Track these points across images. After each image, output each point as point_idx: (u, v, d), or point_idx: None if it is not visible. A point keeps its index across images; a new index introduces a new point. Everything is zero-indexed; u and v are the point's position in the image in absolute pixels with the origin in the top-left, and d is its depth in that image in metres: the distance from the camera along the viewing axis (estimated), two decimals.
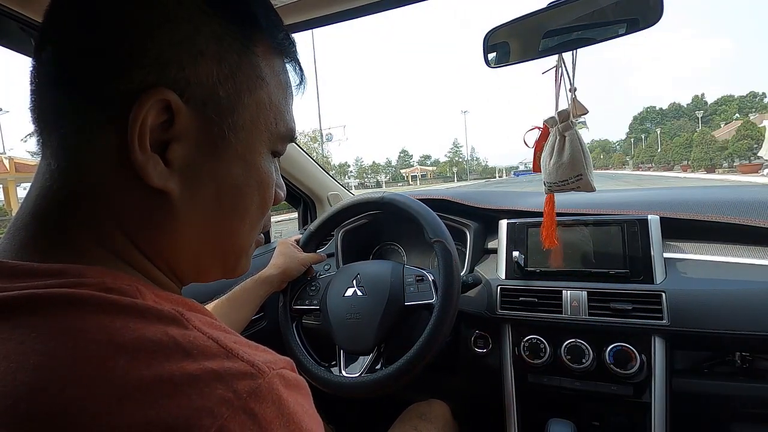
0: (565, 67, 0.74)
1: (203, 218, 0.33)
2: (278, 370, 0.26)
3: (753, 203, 0.85)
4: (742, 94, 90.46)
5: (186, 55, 0.29)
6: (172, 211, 0.31)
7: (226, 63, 0.31)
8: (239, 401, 0.23)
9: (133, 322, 0.25)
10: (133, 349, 0.23)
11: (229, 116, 0.31)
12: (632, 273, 0.86)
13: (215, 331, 0.27)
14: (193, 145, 0.30)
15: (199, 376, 0.23)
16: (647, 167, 54.75)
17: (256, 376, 0.25)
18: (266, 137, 0.35)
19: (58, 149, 0.29)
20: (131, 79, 0.28)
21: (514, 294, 0.93)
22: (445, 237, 0.84)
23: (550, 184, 0.79)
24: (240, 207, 0.35)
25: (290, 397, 0.26)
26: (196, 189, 0.31)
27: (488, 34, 0.80)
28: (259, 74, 0.33)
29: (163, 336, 0.24)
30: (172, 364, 0.23)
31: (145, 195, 0.30)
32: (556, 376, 0.88)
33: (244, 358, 0.26)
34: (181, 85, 0.29)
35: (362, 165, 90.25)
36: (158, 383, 0.22)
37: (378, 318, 0.84)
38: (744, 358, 0.78)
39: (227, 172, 0.33)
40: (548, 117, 0.79)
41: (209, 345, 0.25)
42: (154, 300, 0.28)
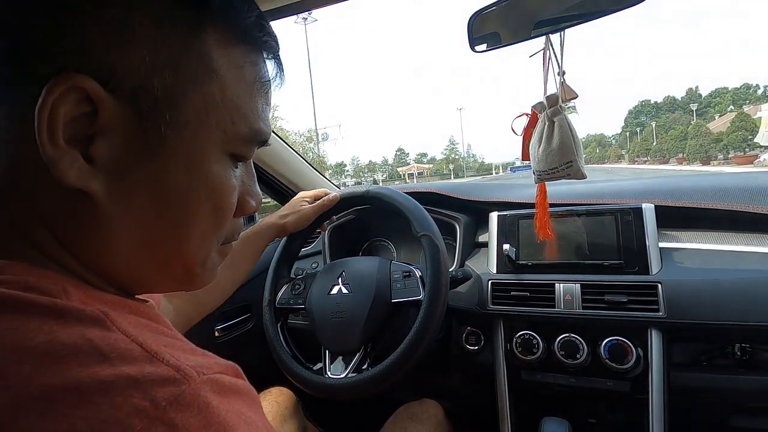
0: (553, 49, 0.71)
1: (138, 225, 0.29)
2: (211, 375, 0.24)
3: (749, 189, 0.83)
4: (735, 86, 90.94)
5: (113, 39, 0.26)
6: (98, 214, 0.27)
7: (165, 50, 0.27)
8: (157, 411, 0.21)
9: (48, 323, 0.22)
10: (42, 353, 0.21)
11: (167, 111, 0.28)
12: (627, 264, 0.83)
13: (144, 333, 0.24)
14: (122, 142, 0.27)
15: (113, 382, 0.21)
16: (643, 161, 55.00)
17: (180, 381, 0.22)
18: (218, 138, 0.30)
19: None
20: (51, 62, 0.25)
21: (505, 288, 0.90)
22: (432, 230, 0.81)
23: (540, 173, 0.76)
24: (183, 215, 0.31)
25: (223, 404, 0.23)
26: (125, 191, 0.28)
27: (473, 18, 0.77)
28: (209, 65, 0.29)
29: (78, 339, 0.22)
30: (83, 370, 0.21)
31: (65, 194, 0.26)
32: (550, 372, 0.85)
33: (169, 362, 0.23)
34: (104, 72, 0.25)
35: (359, 164, 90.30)
36: (63, 391, 0.20)
37: (364, 316, 0.81)
38: (744, 350, 0.75)
39: (165, 174, 0.29)
40: (536, 102, 0.75)
41: (131, 348, 0.23)
42: (82, 300, 0.25)
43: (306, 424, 0.94)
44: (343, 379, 0.78)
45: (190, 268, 0.33)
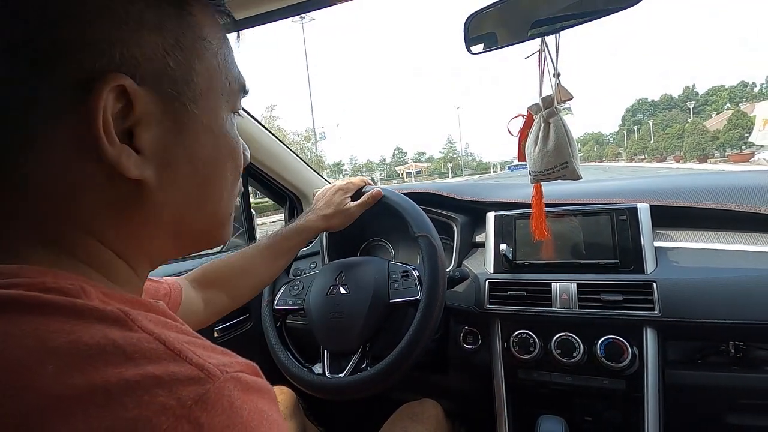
0: (548, 51, 0.72)
1: (183, 198, 0.32)
2: (233, 374, 0.24)
3: (743, 188, 0.83)
4: (732, 84, 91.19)
5: (128, 32, 0.27)
6: (150, 198, 0.30)
7: (168, 31, 0.29)
8: (183, 409, 0.21)
9: (69, 324, 0.22)
10: (65, 354, 0.21)
11: (186, 87, 0.30)
12: (622, 263, 0.83)
13: (166, 331, 0.24)
14: (158, 127, 0.29)
15: (139, 382, 0.21)
16: (640, 159, 55.12)
17: (205, 380, 0.22)
18: (224, 100, 0.34)
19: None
20: (74, 66, 0.25)
21: (502, 288, 0.91)
22: (429, 231, 0.81)
23: (536, 173, 0.77)
24: (217, 178, 0.34)
25: (246, 403, 0.23)
26: (171, 171, 0.30)
27: (469, 19, 0.77)
28: (201, 35, 0.31)
29: (101, 339, 0.22)
30: (108, 370, 0.21)
31: (118, 188, 0.28)
32: (546, 371, 0.86)
33: (193, 360, 0.23)
34: (131, 65, 0.27)
35: (357, 163, 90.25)
36: (90, 391, 0.20)
37: (362, 316, 0.81)
38: (738, 348, 0.76)
39: (199, 146, 0.32)
40: (532, 104, 0.76)
41: (154, 347, 0.23)
42: (101, 299, 0.25)
43: (306, 424, 0.95)
44: (342, 378, 0.78)
45: (224, 224, 0.37)
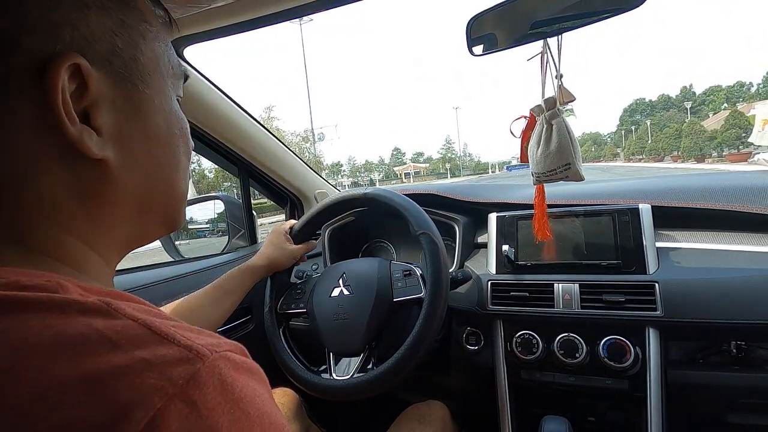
0: (551, 53, 0.72)
1: (143, 177, 0.32)
2: (222, 353, 0.24)
3: (744, 189, 0.84)
4: (729, 84, 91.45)
5: (75, 12, 0.27)
6: (112, 179, 0.30)
7: (113, 11, 0.29)
8: (174, 389, 0.21)
9: (51, 319, 0.22)
10: (50, 348, 0.21)
11: (135, 67, 0.31)
12: (624, 264, 0.84)
13: (150, 317, 0.24)
14: (113, 107, 0.29)
15: (129, 366, 0.21)
16: (638, 159, 55.24)
17: (195, 360, 0.23)
18: (170, 81, 0.35)
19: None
20: (27, 49, 0.25)
21: (504, 289, 0.91)
22: (430, 229, 0.81)
23: (538, 175, 0.77)
24: (172, 156, 0.35)
25: (237, 381, 0.24)
26: (129, 150, 0.31)
27: (471, 21, 0.77)
28: (144, 19, 0.32)
29: (85, 329, 0.22)
30: (96, 358, 0.21)
31: (81, 171, 0.28)
32: (549, 371, 0.86)
33: (181, 342, 0.23)
34: (82, 45, 0.27)
35: (355, 164, 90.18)
36: (80, 380, 0.20)
37: (366, 317, 0.81)
38: (739, 347, 0.76)
39: (153, 125, 0.32)
40: (535, 105, 0.76)
41: (140, 333, 0.23)
42: (79, 293, 0.25)
43: (309, 425, 0.95)
44: (349, 380, 0.78)
45: (180, 205, 0.38)
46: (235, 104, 1.14)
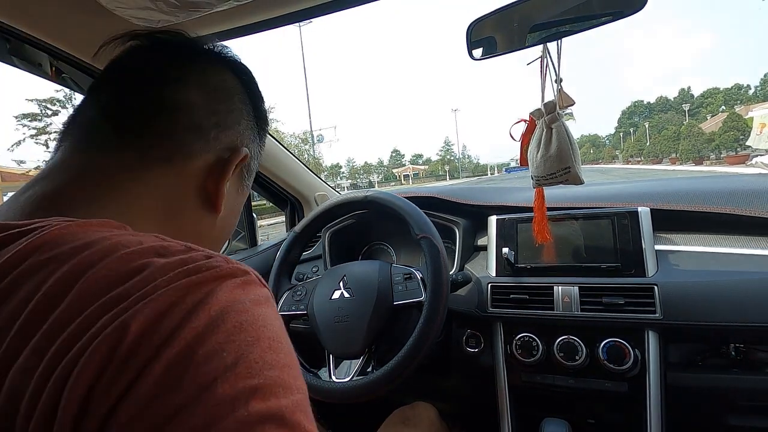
0: (550, 57, 0.73)
1: (220, 231, 0.45)
2: (247, 276, 0.28)
3: (743, 192, 0.84)
4: (727, 87, 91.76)
5: (251, 129, 0.44)
6: (215, 224, 0.43)
7: (260, 135, 0.47)
8: (208, 271, 0.25)
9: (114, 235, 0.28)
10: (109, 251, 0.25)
11: (250, 167, 0.46)
12: (624, 266, 0.84)
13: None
14: (234, 184, 0.44)
15: (169, 262, 0.25)
16: (637, 161, 55.35)
17: (221, 266, 0.27)
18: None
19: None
20: (225, 136, 0.41)
21: (504, 291, 0.91)
22: (431, 232, 0.82)
23: (538, 178, 0.78)
24: (235, 218, 0.48)
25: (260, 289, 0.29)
26: (225, 212, 0.43)
27: (471, 26, 0.78)
28: (264, 139, 0.49)
29: (137, 245, 0.27)
30: (141, 261, 0.25)
31: (206, 218, 0.42)
32: (549, 374, 0.87)
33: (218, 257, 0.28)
34: (247, 145, 0.43)
35: (354, 166, 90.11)
36: (127, 274, 0.24)
37: (366, 320, 0.82)
38: (738, 350, 0.76)
39: (239, 201, 0.47)
40: (534, 109, 0.77)
41: (182, 248, 0.28)
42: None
43: None
44: (349, 382, 0.79)
45: (225, 242, 0.52)
46: None
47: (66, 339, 0.21)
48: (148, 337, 0.21)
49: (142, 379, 0.20)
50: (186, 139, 0.38)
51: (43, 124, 16.97)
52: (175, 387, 0.20)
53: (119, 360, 0.20)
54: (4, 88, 61.17)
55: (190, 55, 0.42)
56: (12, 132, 8.71)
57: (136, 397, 0.20)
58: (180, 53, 0.41)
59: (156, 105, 0.38)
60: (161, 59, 0.40)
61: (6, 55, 0.77)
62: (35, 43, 0.76)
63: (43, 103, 16.80)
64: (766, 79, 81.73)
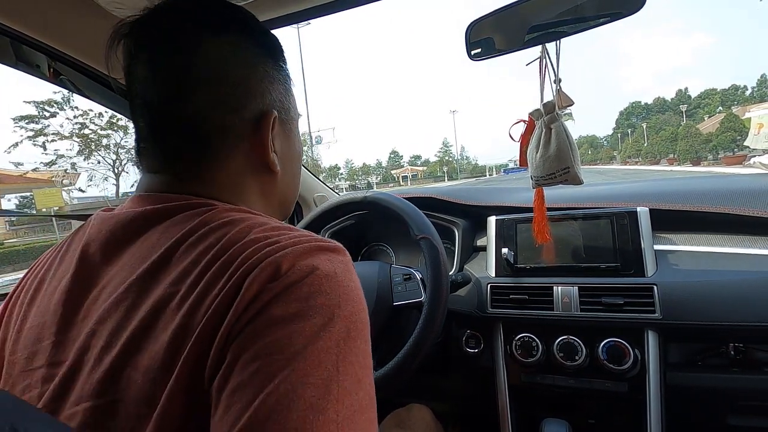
0: (549, 58, 0.73)
1: (286, 184, 0.49)
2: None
3: (741, 192, 0.84)
4: (724, 87, 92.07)
5: (273, 85, 0.45)
6: (275, 184, 0.47)
7: (283, 81, 0.47)
8: (320, 247, 0.35)
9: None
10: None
11: (290, 114, 0.48)
12: (623, 266, 0.84)
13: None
14: (280, 138, 0.47)
15: (298, 232, 0.36)
16: (635, 161, 55.48)
17: (339, 249, 0.37)
18: (297, 119, 0.51)
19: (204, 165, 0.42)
20: (250, 108, 0.43)
21: (504, 291, 0.91)
22: (430, 233, 0.82)
23: (538, 178, 0.78)
24: (298, 170, 0.53)
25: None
26: (284, 165, 0.47)
27: (470, 26, 0.78)
28: (290, 81, 0.49)
29: (272, 222, 0.38)
30: (278, 232, 0.36)
31: (265, 178, 0.46)
32: (549, 374, 0.87)
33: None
34: (274, 104, 0.45)
35: (353, 167, 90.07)
36: (267, 236, 0.35)
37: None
38: (737, 349, 0.76)
39: (294, 148, 0.50)
40: (533, 109, 0.77)
41: (300, 229, 0.38)
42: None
43: None
44: None
45: (293, 204, 0.54)
46: None
47: (241, 263, 0.32)
48: (291, 272, 0.31)
49: (286, 295, 0.30)
50: (218, 130, 0.42)
51: (40, 126, 16.92)
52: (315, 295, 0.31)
53: (278, 273, 0.31)
54: (2, 91, 61.06)
55: (197, 34, 0.41)
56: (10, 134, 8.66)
57: (294, 290, 0.31)
58: (186, 34, 0.41)
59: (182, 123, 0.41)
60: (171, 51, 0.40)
61: (5, 56, 0.77)
62: (34, 44, 0.76)
63: (40, 105, 16.76)
64: (762, 80, 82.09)
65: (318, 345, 0.29)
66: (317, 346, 0.29)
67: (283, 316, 0.29)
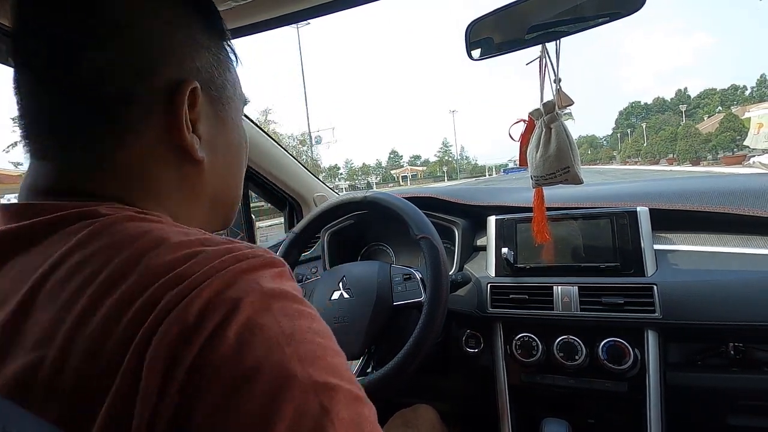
0: (549, 57, 0.73)
1: (219, 179, 0.41)
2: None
3: (741, 191, 0.84)
4: (723, 87, 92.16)
5: (192, 49, 0.36)
6: (201, 177, 0.38)
7: (214, 50, 0.39)
8: (255, 260, 0.28)
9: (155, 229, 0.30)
10: (157, 241, 0.28)
11: (223, 91, 0.39)
12: (623, 266, 0.84)
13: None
14: (207, 121, 0.38)
15: (217, 249, 0.28)
16: (634, 161, 55.53)
17: (276, 262, 0.30)
18: (240, 104, 0.43)
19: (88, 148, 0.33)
20: (165, 77, 0.34)
21: (504, 291, 0.91)
22: (430, 233, 0.82)
23: (537, 178, 0.78)
24: (238, 164, 0.44)
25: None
26: (215, 156, 0.39)
27: (470, 26, 0.78)
28: (227, 55, 0.41)
29: (183, 236, 0.29)
30: (190, 249, 0.27)
31: (185, 168, 0.37)
32: (549, 374, 0.87)
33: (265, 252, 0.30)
34: (196, 74, 0.36)
35: (352, 167, 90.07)
36: (172, 262, 0.26)
37: (366, 321, 0.81)
38: (738, 349, 0.76)
39: (230, 138, 0.41)
40: (533, 109, 0.77)
41: (225, 240, 0.30)
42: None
43: None
44: None
45: (235, 207, 0.46)
46: None
47: (139, 309, 0.24)
48: (212, 310, 0.24)
49: (216, 340, 0.23)
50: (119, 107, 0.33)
51: None
52: (246, 350, 0.24)
53: (190, 329, 0.23)
54: (1, 91, 60.92)
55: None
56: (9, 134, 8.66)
57: (211, 357, 0.23)
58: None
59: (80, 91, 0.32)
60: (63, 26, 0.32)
61: (4, 57, 0.77)
62: None
63: None
64: (762, 80, 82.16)
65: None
66: None
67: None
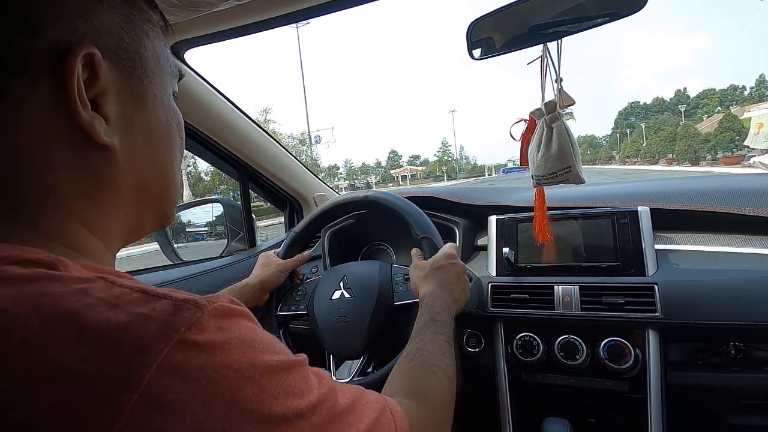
0: (551, 57, 0.73)
1: (141, 167, 0.34)
2: (218, 304, 0.25)
3: (741, 191, 0.85)
4: (723, 88, 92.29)
5: (89, 7, 0.29)
6: (115, 165, 0.31)
7: (120, 8, 0.31)
8: (178, 335, 0.22)
9: (51, 288, 0.23)
10: (49, 309, 0.22)
11: (139, 62, 0.32)
12: (624, 266, 0.84)
13: (146, 286, 0.25)
14: (119, 98, 0.31)
15: (130, 321, 0.22)
16: (634, 161, 55.57)
17: (195, 310, 0.24)
18: (169, 78, 0.37)
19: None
20: (48, 38, 0.27)
21: (505, 291, 0.92)
22: (431, 232, 0.82)
23: (539, 178, 0.78)
24: (168, 149, 0.36)
25: (235, 323, 0.25)
26: (132, 139, 0.32)
27: (471, 25, 0.78)
28: (146, 17, 0.34)
29: (84, 297, 0.23)
30: (97, 316, 0.22)
31: (87, 154, 0.29)
32: (550, 373, 0.87)
33: (179, 298, 0.24)
34: (94, 37, 0.29)
35: (352, 166, 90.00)
36: (80, 332, 0.21)
37: (367, 320, 0.81)
38: (738, 348, 0.76)
39: (153, 117, 0.34)
40: (535, 109, 0.77)
41: (138, 296, 0.24)
42: (79, 270, 0.26)
43: None
44: (349, 383, 0.78)
45: (173, 199, 0.39)
46: (235, 107, 1.14)
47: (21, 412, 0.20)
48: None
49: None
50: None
51: None
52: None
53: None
54: None
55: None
56: None
57: None
58: None
59: None
60: None
61: None
62: None
63: None
64: (761, 80, 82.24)
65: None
66: None
67: None
